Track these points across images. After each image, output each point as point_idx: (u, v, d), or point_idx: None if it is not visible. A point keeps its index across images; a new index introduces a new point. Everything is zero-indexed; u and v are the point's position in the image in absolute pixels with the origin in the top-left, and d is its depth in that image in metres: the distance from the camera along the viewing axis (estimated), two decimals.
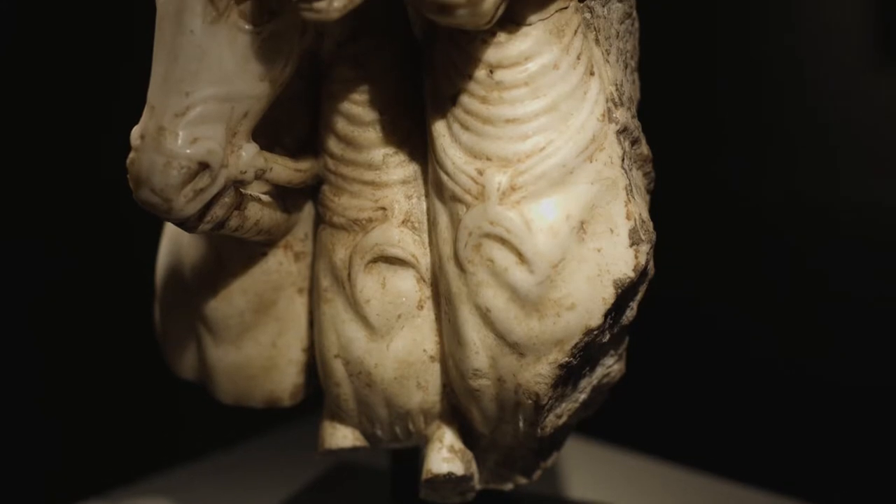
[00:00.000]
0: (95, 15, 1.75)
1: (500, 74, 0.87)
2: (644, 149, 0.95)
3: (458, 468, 0.98)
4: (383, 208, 0.95)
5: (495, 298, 0.88)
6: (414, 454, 1.09)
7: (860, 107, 1.65)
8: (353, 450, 1.02)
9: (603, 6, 0.92)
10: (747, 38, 1.69)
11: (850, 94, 1.66)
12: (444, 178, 0.89)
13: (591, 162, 0.88)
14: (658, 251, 0.93)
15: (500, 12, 0.81)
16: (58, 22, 1.76)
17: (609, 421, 1.20)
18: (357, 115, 0.94)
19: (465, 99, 0.88)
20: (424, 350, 0.96)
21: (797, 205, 1.65)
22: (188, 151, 0.85)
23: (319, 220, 0.99)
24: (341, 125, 0.95)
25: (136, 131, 0.86)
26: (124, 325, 1.64)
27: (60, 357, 1.78)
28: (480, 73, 0.87)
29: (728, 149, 1.70)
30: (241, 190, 0.91)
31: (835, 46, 1.66)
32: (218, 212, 0.89)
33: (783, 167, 1.68)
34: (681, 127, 1.58)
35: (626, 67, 0.95)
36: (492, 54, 0.87)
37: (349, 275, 0.95)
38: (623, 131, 0.90)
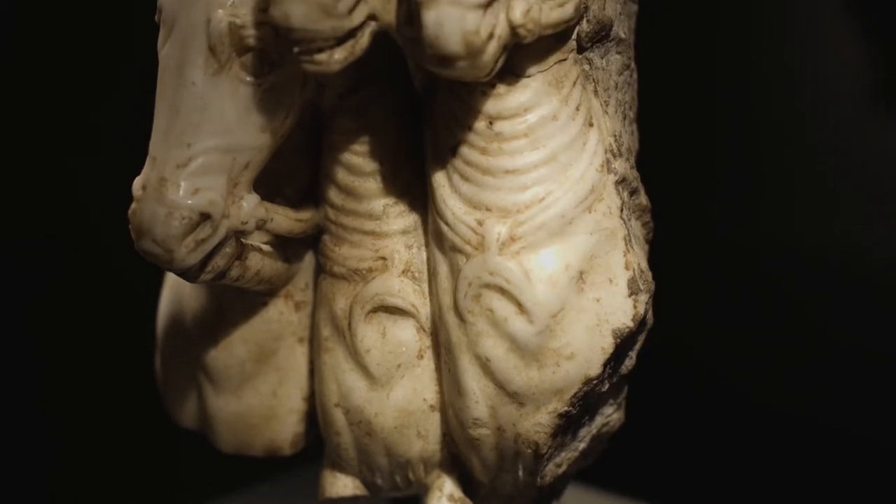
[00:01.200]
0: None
1: (499, 126, 0.87)
2: (643, 199, 0.96)
3: None
4: (383, 258, 0.95)
5: (495, 348, 0.89)
6: (414, 502, 1.09)
7: (860, 154, 1.66)
8: (354, 499, 1.02)
9: (602, 58, 0.93)
10: (746, 87, 1.70)
11: (850, 140, 1.66)
12: (444, 228, 0.90)
13: (590, 212, 0.88)
14: (657, 300, 0.94)
15: (499, 64, 0.82)
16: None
17: (608, 469, 1.20)
18: (358, 165, 0.95)
19: (464, 150, 0.88)
20: (424, 399, 0.96)
21: (797, 253, 1.66)
22: (190, 202, 0.85)
23: (320, 270, 0.99)
24: (342, 176, 0.95)
25: (137, 182, 0.87)
26: (123, 376, 1.64)
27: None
28: (480, 124, 0.88)
29: (727, 198, 1.70)
30: (243, 240, 0.92)
31: (834, 93, 1.67)
32: (219, 262, 0.89)
33: (782, 215, 1.69)
34: (680, 177, 1.59)
35: (624, 118, 0.96)
36: (491, 106, 0.87)
37: (349, 324, 0.96)
38: (622, 182, 0.91)
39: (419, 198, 0.95)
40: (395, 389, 0.96)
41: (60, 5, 1.76)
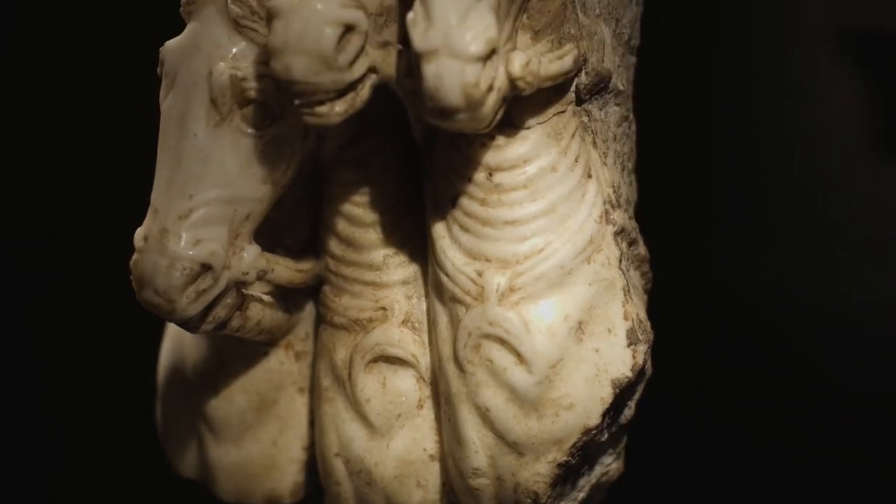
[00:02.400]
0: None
1: (499, 177, 0.88)
2: (641, 249, 0.96)
3: None
4: (384, 308, 0.96)
5: (494, 398, 0.89)
6: None
7: (860, 202, 1.66)
8: None
9: (600, 109, 0.94)
10: (746, 137, 1.70)
11: (850, 187, 1.67)
12: (444, 279, 0.90)
13: (588, 263, 0.89)
14: (656, 350, 0.94)
15: (499, 116, 0.82)
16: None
17: None
18: (358, 216, 0.95)
19: (464, 201, 0.89)
20: (424, 449, 0.96)
21: (798, 302, 1.66)
22: (191, 253, 0.86)
23: (320, 320, 1.00)
24: (342, 226, 0.96)
25: (139, 233, 0.87)
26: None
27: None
28: (480, 175, 0.88)
29: (726, 248, 1.70)
30: (243, 291, 0.92)
31: (834, 140, 1.68)
32: (220, 312, 0.90)
33: (782, 264, 1.69)
34: (678, 227, 1.59)
35: (623, 169, 0.97)
36: (491, 157, 0.88)
37: (350, 374, 0.96)
38: (620, 232, 0.91)
39: (419, 248, 0.95)
40: (395, 439, 0.96)
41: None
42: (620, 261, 0.90)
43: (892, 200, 1.67)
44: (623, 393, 0.90)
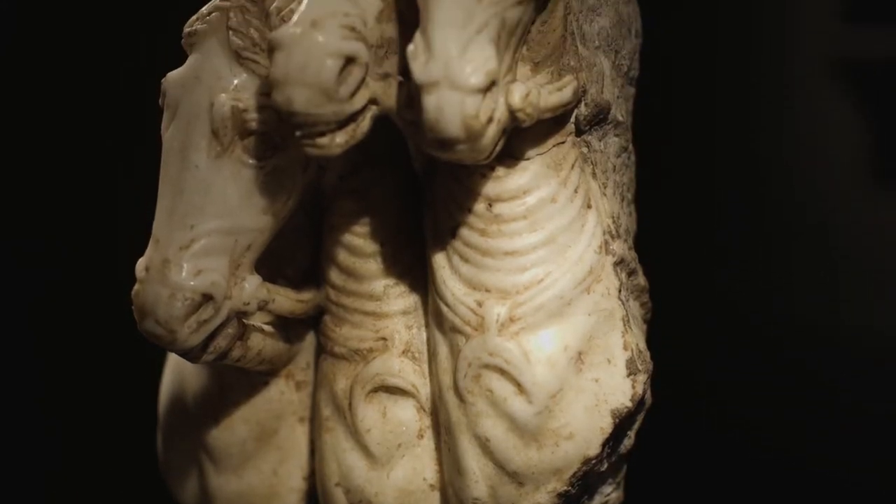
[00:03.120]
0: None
1: (498, 208, 0.88)
2: (641, 279, 0.97)
3: None
4: (384, 338, 0.96)
5: (494, 428, 0.89)
6: None
7: (858, 226, 1.67)
8: None
9: (600, 140, 0.94)
10: (745, 168, 1.71)
11: (849, 214, 1.67)
12: (444, 309, 0.90)
13: (588, 293, 0.89)
14: (655, 380, 0.94)
15: (498, 148, 0.82)
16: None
17: None
18: (358, 246, 0.95)
19: (464, 231, 0.89)
20: (424, 479, 0.96)
21: (799, 330, 1.66)
22: (192, 283, 0.86)
23: (321, 350, 1.00)
24: (343, 256, 0.96)
25: (140, 263, 0.88)
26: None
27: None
28: (479, 206, 0.89)
29: (727, 277, 1.71)
30: (244, 321, 0.93)
31: (834, 173, 1.69)
32: (221, 342, 0.90)
33: (783, 293, 1.69)
34: (677, 258, 1.60)
35: (622, 200, 0.97)
36: (491, 188, 0.88)
37: (350, 404, 0.96)
38: (620, 263, 0.92)
39: (419, 279, 0.95)
40: (395, 469, 0.96)
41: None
42: (620, 291, 0.91)
43: (890, 225, 1.67)
44: (623, 423, 0.90)
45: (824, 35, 1.68)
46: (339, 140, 0.82)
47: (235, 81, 0.88)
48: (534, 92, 0.82)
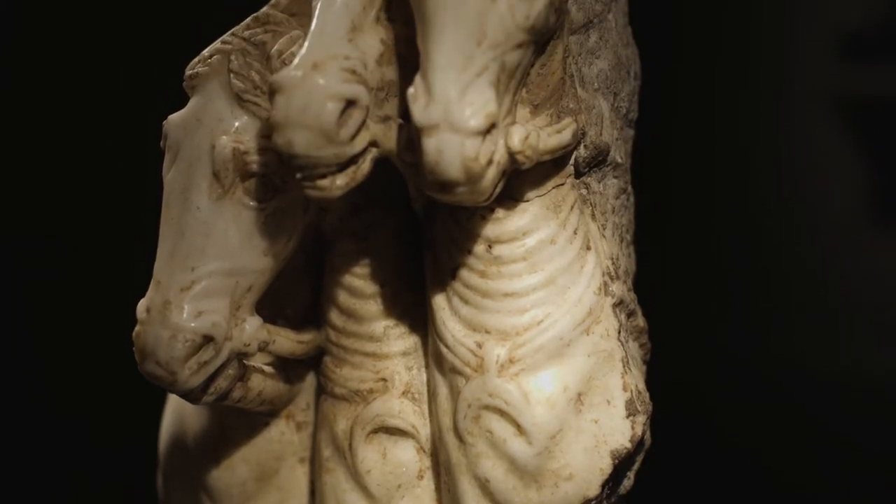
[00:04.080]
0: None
1: (498, 249, 0.89)
2: (640, 321, 0.97)
3: None
4: (384, 379, 0.96)
5: (494, 469, 0.89)
6: None
7: (859, 269, 1.67)
8: None
9: (599, 182, 0.94)
10: (744, 207, 1.71)
11: (849, 260, 1.67)
12: (444, 350, 0.91)
13: (587, 335, 0.89)
14: (655, 419, 0.94)
15: (498, 189, 0.83)
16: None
17: None
18: (358, 287, 0.96)
19: (464, 273, 0.90)
20: None
21: (798, 372, 1.66)
22: (193, 325, 0.86)
23: (321, 391, 1.00)
24: (343, 297, 0.96)
25: (142, 305, 0.88)
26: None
27: None
28: (479, 247, 0.89)
29: (724, 321, 1.71)
30: (245, 362, 0.93)
31: (833, 216, 1.69)
32: (221, 384, 0.90)
33: (783, 333, 1.69)
34: (677, 300, 1.60)
35: (621, 241, 0.97)
36: (490, 230, 0.89)
37: (350, 445, 0.96)
38: (619, 304, 0.92)
39: (419, 319, 0.96)
40: None
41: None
42: (619, 332, 0.91)
43: (890, 269, 1.67)
44: (622, 463, 0.91)
45: (824, 73, 1.69)
46: (340, 182, 0.82)
47: (237, 124, 0.88)
48: (533, 134, 0.83)
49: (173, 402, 1.07)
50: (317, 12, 0.85)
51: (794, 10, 1.70)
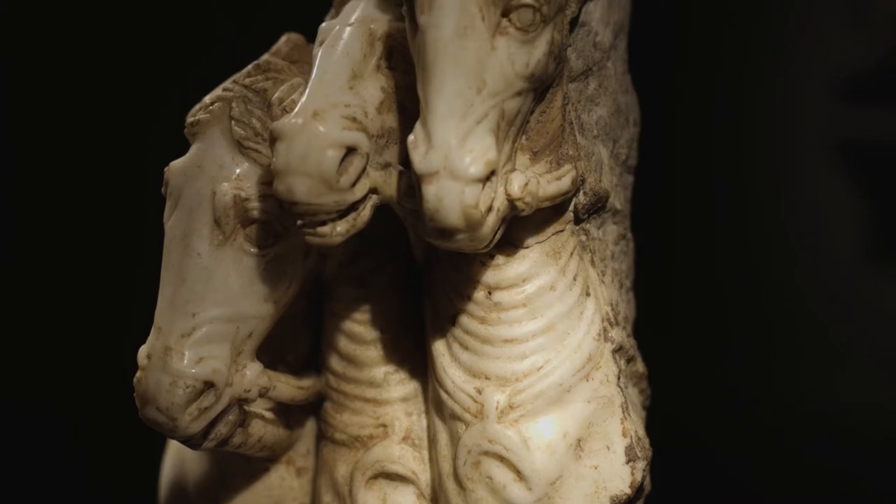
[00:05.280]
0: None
1: (498, 296, 0.89)
2: (640, 366, 0.97)
3: None
4: (384, 425, 0.96)
5: None
6: None
7: (859, 312, 1.67)
8: None
9: (598, 228, 0.95)
10: (744, 252, 1.71)
11: (850, 299, 1.67)
12: (444, 396, 0.91)
13: (587, 381, 0.89)
14: (655, 465, 0.94)
15: (498, 236, 0.83)
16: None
17: None
18: (359, 333, 0.96)
19: (464, 319, 0.90)
20: None
21: (800, 414, 1.66)
22: (194, 371, 0.87)
23: (321, 436, 1.00)
24: (343, 343, 0.97)
25: (143, 351, 0.88)
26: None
27: None
28: (479, 294, 0.89)
29: (725, 366, 1.71)
30: (245, 408, 0.93)
31: (834, 256, 1.69)
32: (222, 430, 0.90)
33: (784, 378, 1.69)
34: (677, 344, 1.60)
35: (621, 287, 0.97)
36: (490, 276, 0.89)
37: (350, 491, 0.96)
38: (619, 350, 0.92)
39: (419, 365, 0.96)
40: None
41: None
42: (619, 378, 0.91)
43: (891, 311, 1.67)
44: None
45: (824, 116, 1.69)
46: (341, 229, 0.82)
47: (237, 171, 0.89)
48: (533, 181, 0.83)
49: (174, 448, 1.07)
50: (317, 60, 0.86)
51: (794, 53, 1.70)
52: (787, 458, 1.65)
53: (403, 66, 0.86)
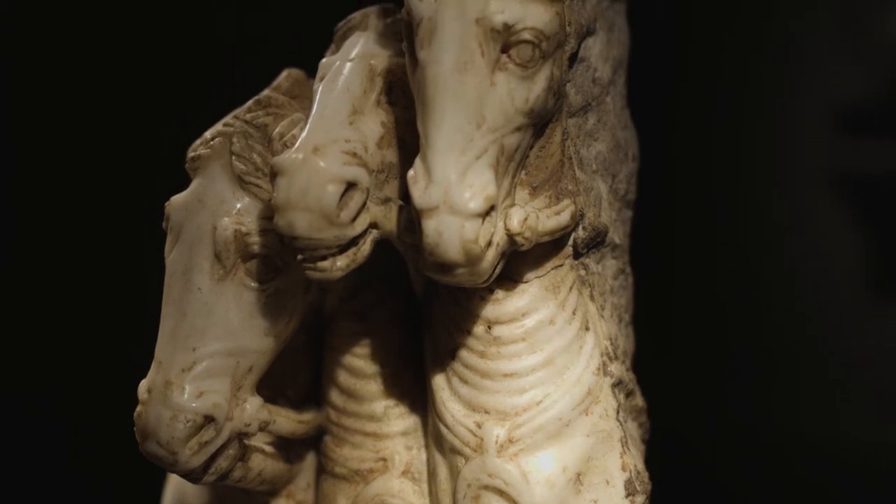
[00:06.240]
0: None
1: (497, 330, 0.89)
2: (639, 400, 0.97)
3: None
4: (384, 459, 0.96)
5: None
6: None
7: (860, 343, 1.67)
8: None
9: (597, 263, 0.95)
10: (744, 283, 1.71)
11: (850, 330, 1.68)
12: (444, 430, 0.91)
13: (586, 415, 0.90)
14: (655, 498, 0.94)
15: (497, 271, 0.83)
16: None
17: None
18: (359, 367, 0.96)
19: (463, 353, 0.90)
20: None
21: (801, 443, 1.66)
22: (194, 405, 0.87)
23: (321, 470, 1.00)
24: (343, 377, 0.97)
25: (143, 385, 0.88)
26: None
27: None
28: (479, 328, 0.89)
29: (725, 399, 1.71)
30: (245, 442, 0.93)
31: (834, 288, 1.69)
32: (222, 464, 0.90)
33: (784, 410, 1.69)
34: (676, 378, 1.60)
35: (620, 321, 0.98)
36: (490, 311, 0.89)
37: None
38: (618, 384, 0.92)
39: (419, 399, 0.96)
40: None
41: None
42: (618, 412, 0.91)
43: (891, 341, 1.68)
44: None
45: (824, 149, 1.70)
46: (341, 264, 0.83)
47: (238, 205, 0.89)
48: (532, 216, 0.83)
49: (174, 482, 1.08)
50: (318, 95, 0.86)
51: (794, 85, 1.71)
52: (788, 486, 1.65)
53: (403, 102, 0.86)
